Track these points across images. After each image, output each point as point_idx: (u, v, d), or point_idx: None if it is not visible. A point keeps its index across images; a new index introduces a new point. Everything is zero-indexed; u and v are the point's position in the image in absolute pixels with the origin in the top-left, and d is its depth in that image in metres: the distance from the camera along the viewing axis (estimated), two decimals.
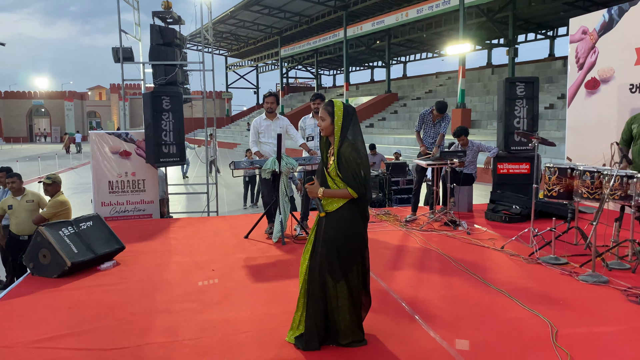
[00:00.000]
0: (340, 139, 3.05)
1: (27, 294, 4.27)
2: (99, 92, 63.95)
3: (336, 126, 3.07)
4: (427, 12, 26.50)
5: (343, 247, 3.09)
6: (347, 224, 3.09)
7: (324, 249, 3.12)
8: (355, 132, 3.10)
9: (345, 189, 3.03)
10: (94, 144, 7.66)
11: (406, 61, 47.16)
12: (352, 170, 2.99)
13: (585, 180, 4.80)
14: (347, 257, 3.10)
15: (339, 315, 3.13)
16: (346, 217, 3.08)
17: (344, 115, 3.07)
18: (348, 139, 3.05)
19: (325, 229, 3.13)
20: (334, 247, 3.09)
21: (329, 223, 3.12)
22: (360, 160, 3.03)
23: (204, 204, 9.09)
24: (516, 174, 7.80)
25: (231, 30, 44.51)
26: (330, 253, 3.09)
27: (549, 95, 23.37)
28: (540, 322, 3.52)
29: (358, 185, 3.01)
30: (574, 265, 4.84)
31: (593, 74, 7.80)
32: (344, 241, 3.09)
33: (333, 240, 3.09)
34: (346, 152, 3.01)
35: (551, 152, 14.57)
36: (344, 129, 3.06)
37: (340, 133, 3.06)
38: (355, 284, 3.14)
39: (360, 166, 3.02)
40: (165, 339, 3.34)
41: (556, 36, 33.65)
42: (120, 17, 9.10)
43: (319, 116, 3.18)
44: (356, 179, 3.00)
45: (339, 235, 3.08)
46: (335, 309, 3.13)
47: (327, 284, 3.12)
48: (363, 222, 3.15)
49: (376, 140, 21.32)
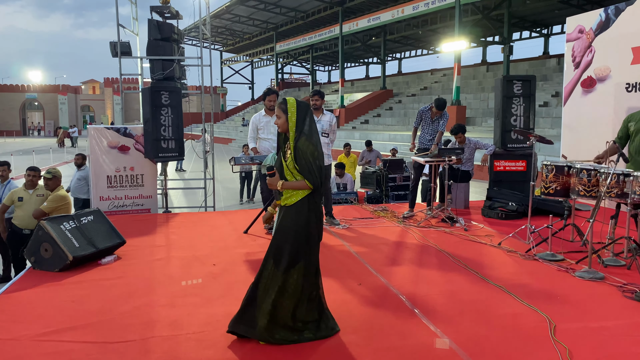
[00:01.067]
0: (297, 134, 3.19)
1: (30, 287, 4.28)
2: (92, 86, 63.57)
3: (290, 122, 3.21)
4: (423, 9, 26.53)
5: (293, 240, 3.19)
6: (301, 219, 3.21)
7: (275, 239, 3.27)
8: (312, 128, 3.24)
9: (303, 180, 3.17)
10: (93, 139, 7.65)
11: (401, 58, 47.19)
12: (308, 164, 3.14)
13: (582, 178, 4.87)
14: (295, 250, 3.19)
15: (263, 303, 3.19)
16: (301, 212, 3.21)
17: (297, 111, 3.21)
18: (304, 134, 3.19)
19: (280, 220, 3.29)
20: (284, 239, 3.22)
21: (285, 215, 3.26)
22: (317, 154, 3.18)
23: (201, 199, 9.11)
24: (513, 171, 7.87)
25: (226, 25, 44.36)
26: (279, 244, 3.23)
27: (543, 93, 23.50)
28: (538, 317, 3.59)
29: (314, 178, 3.15)
30: (571, 261, 4.91)
31: (589, 73, 7.87)
32: (295, 235, 3.20)
33: (284, 232, 3.22)
34: (303, 146, 3.16)
35: (545, 150, 14.66)
36: (299, 124, 3.20)
37: (296, 128, 3.19)
38: (296, 277, 3.20)
39: (317, 160, 3.17)
40: (170, 333, 3.38)
41: (551, 34, 33.79)
42: (118, 11, 9.08)
43: (275, 114, 3.31)
44: (311, 172, 3.14)
45: (291, 228, 3.21)
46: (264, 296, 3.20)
47: (265, 271, 3.23)
48: (316, 217, 3.27)
49: (371, 137, 21.38)
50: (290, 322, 3.21)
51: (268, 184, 3.30)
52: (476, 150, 7.85)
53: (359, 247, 5.61)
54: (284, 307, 3.19)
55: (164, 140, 7.62)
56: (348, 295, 4.06)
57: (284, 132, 3.28)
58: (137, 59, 10.10)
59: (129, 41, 9.35)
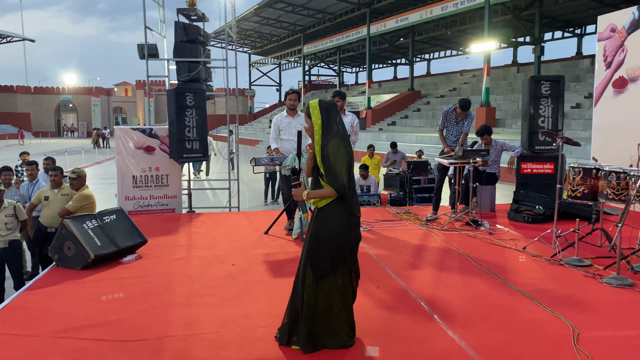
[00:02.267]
0: (324, 136, 3.03)
1: (52, 285, 4.37)
2: (124, 88, 64.91)
3: (316, 125, 3.05)
4: (452, 10, 26.20)
5: (327, 244, 3.05)
6: (333, 222, 3.05)
7: (309, 243, 3.11)
8: (339, 129, 3.05)
9: (328, 188, 3.00)
10: (119, 139, 7.79)
11: (430, 59, 46.74)
12: (333, 167, 2.95)
13: (610, 181, 4.70)
14: (331, 255, 3.05)
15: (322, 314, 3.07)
16: (333, 214, 3.05)
17: (321, 113, 3.06)
18: (333, 136, 3.01)
19: (313, 223, 3.14)
20: (318, 243, 3.07)
21: (317, 218, 3.11)
22: (346, 156, 2.99)
23: (225, 200, 9.17)
24: (540, 173, 7.68)
25: (255, 28, 44.70)
26: (314, 248, 3.08)
27: (575, 95, 22.93)
28: (561, 324, 3.47)
29: (337, 183, 2.95)
30: (598, 267, 4.75)
31: (621, 73, 7.63)
32: (328, 239, 3.05)
33: (317, 236, 3.08)
34: (330, 149, 2.98)
35: (577, 152, 14.30)
36: (325, 127, 3.04)
37: (322, 131, 3.04)
38: (340, 284, 3.08)
39: (344, 163, 2.97)
40: (185, 332, 3.38)
41: (584, 34, 32.96)
42: (145, 14, 9.22)
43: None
44: (335, 176, 2.95)
45: (324, 231, 3.05)
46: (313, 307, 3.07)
47: (306, 280, 3.08)
48: (350, 220, 3.08)
49: (398, 139, 21.22)
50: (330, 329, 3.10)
51: (294, 196, 3.20)
52: (503, 152, 7.69)
53: (379, 249, 5.55)
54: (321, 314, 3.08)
55: (188, 141, 7.70)
56: (365, 298, 4.00)
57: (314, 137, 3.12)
58: (164, 61, 10.26)
59: (155, 43, 9.49)
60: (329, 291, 3.07)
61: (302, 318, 3.09)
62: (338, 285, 3.08)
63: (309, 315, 3.07)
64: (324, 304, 3.07)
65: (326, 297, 3.07)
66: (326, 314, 3.08)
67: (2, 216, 5.26)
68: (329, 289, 3.07)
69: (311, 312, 3.07)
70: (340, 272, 3.08)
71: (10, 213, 5.35)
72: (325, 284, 3.06)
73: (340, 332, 3.12)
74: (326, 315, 3.08)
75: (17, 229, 5.44)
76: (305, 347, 3.08)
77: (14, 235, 5.38)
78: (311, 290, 3.07)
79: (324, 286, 3.06)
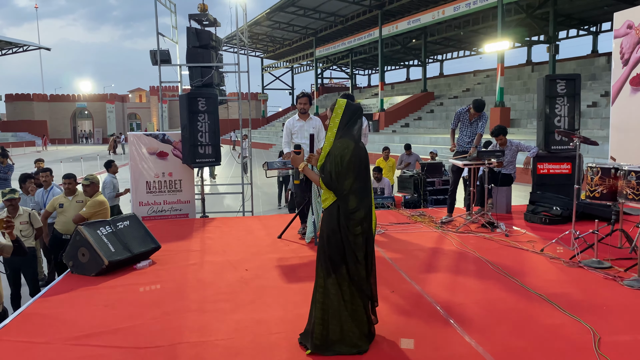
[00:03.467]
0: (336, 135, 3.12)
1: (66, 291, 4.38)
2: (139, 94, 65.53)
3: (332, 122, 3.15)
4: (465, 10, 26.01)
5: (328, 244, 3.13)
6: (330, 222, 3.14)
7: (318, 244, 3.25)
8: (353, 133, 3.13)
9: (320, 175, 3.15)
10: (132, 145, 7.82)
11: (443, 59, 46.46)
12: (330, 162, 3.06)
13: (630, 180, 4.59)
14: (331, 256, 3.12)
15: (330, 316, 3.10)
16: (330, 215, 3.15)
17: (344, 113, 3.14)
18: (349, 137, 3.11)
19: (321, 223, 3.27)
20: (322, 243, 3.18)
21: (322, 219, 3.26)
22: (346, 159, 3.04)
23: (239, 204, 9.17)
24: (557, 174, 7.55)
25: (267, 32, 44.84)
26: (320, 248, 3.20)
27: (591, 93, 22.61)
28: (581, 329, 3.39)
29: (327, 177, 3.08)
30: (619, 269, 4.64)
31: (639, 70, 7.47)
32: (328, 239, 3.14)
33: (322, 237, 3.19)
34: (336, 148, 3.08)
35: (594, 152, 14.08)
36: (342, 127, 3.12)
37: (337, 129, 3.13)
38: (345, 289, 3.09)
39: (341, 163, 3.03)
40: (198, 339, 3.36)
41: (599, 32, 32.50)
42: (157, 20, 9.27)
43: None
44: (325, 170, 3.09)
45: (325, 231, 3.17)
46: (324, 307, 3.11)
47: (317, 280, 3.18)
48: (346, 222, 3.09)
49: (412, 140, 21.11)
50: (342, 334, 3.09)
51: (292, 160, 3.36)
52: (518, 153, 7.58)
53: (393, 253, 5.48)
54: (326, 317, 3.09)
55: (201, 145, 7.70)
56: (380, 302, 3.92)
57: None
58: (177, 66, 10.30)
59: (168, 49, 9.54)
60: (336, 293, 3.10)
61: (315, 319, 3.10)
62: (343, 290, 3.10)
63: (319, 316, 3.09)
64: (334, 306, 3.09)
65: (335, 299, 3.09)
66: (337, 317, 3.09)
67: (17, 223, 5.29)
68: (335, 290, 3.10)
69: (321, 312, 3.09)
70: (345, 274, 3.10)
71: (25, 220, 5.40)
72: (330, 284, 3.10)
73: (351, 337, 3.10)
74: (336, 318, 3.09)
75: (32, 237, 5.48)
76: (315, 349, 3.09)
77: (29, 242, 5.41)
78: (321, 290, 3.12)
79: (331, 287, 3.10)
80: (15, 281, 5.36)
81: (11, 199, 5.32)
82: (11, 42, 44.59)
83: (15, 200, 5.36)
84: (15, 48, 46.12)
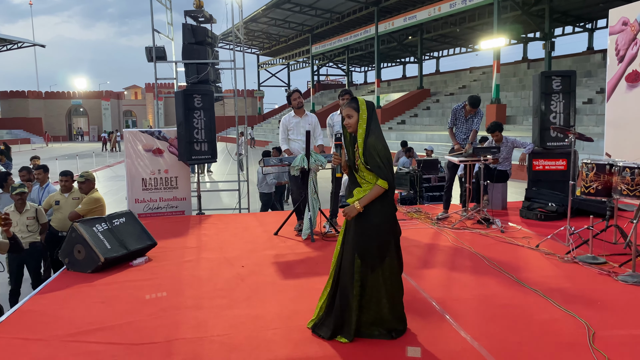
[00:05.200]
0: (367, 133, 3.18)
1: (62, 288, 4.37)
2: (134, 91, 65.32)
3: (361, 119, 3.20)
4: (460, 6, 26.01)
5: (375, 237, 3.18)
6: (379, 215, 3.19)
7: (357, 237, 3.21)
8: (378, 126, 3.26)
9: (376, 185, 3.15)
10: (128, 142, 7.80)
11: (439, 56, 46.47)
12: (379, 160, 3.12)
13: (625, 176, 4.61)
14: (378, 247, 3.18)
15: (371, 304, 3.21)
16: (379, 208, 3.18)
17: (368, 109, 3.22)
18: (374, 133, 3.19)
19: (357, 218, 3.22)
20: (366, 236, 3.18)
21: (364, 214, 3.19)
22: (386, 151, 3.17)
23: (235, 201, 9.16)
24: (552, 170, 7.58)
25: (263, 29, 44.74)
26: (363, 241, 3.19)
27: (587, 90, 22.68)
28: (576, 324, 3.41)
29: (386, 174, 3.13)
30: (613, 264, 4.67)
31: (635, 67, 7.50)
32: (378, 231, 3.18)
33: (365, 230, 3.18)
34: (373, 143, 3.15)
35: (589, 148, 14.12)
36: (369, 123, 3.20)
37: (366, 127, 3.19)
38: (387, 275, 3.22)
39: (387, 157, 3.16)
40: (194, 335, 3.37)
41: (595, 28, 32.58)
42: (153, 17, 9.24)
43: (344, 114, 3.27)
44: (382, 169, 3.13)
45: (372, 225, 3.17)
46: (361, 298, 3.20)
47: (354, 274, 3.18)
48: (393, 213, 3.27)
49: (408, 137, 21.14)
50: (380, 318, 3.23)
51: (346, 215, 3.23)
52: (514, 149, 7.60)
53: None
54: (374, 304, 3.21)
55: (197, 142, 7.69)
56: None
57: (352, 132, 3.28)
58: (172, 63, 10.28)
59: (163, 46, 9.51)
60: (377, 282, 3.20)
61: (352, 310, 3.18)
62: (385, 276, 3.22)
63: (356, 306, 3.17)
64: (374, 295, 3.20)
65: (375, 288, 3.20)
66: (376, 305, 3.21)
67: (23, 218, 5.34)
68: (376, 279, 3.20)
69: (358, 303, 3.18)
70: (388, 264, 3.22)
71: (32, 216, 5.41)
72: (374, 275, 3.19)
73: (390, 320, 3.25)
74: (376, 305, 3.21)
75: (37, 232, 5.48)
76: (350, 337, 3.18)
77: (35, 237, 5.43)
78: (360, 282, 3.18)
79: (373, 277, 3.19)
80: (17, 277, 5.35)
81: (21, 192, 5.37)
82: (5, 39, 44.40)
83: (25, 195, 5.43)
84: (9, 45, 45.93)
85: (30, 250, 5.32)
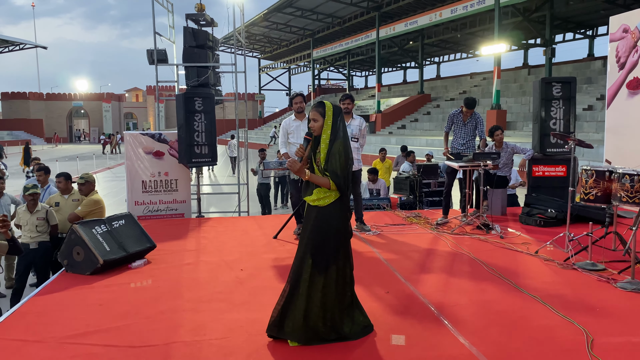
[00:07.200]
0: (331, 138, 3.22)
1: (61, 290, 4.37)
2: (135, 93, 65.43)
3: (326, 125, 3.23)
4: (462, 12, 26.11)
5: (332, 238, 3.23)
6: (336, 218, 3.24)
7: (311, 239, 3.24)
8: (345, 133, 3.27)
9: (327, 179, 3.18)
10: (128, 144, 7.81)
11: (440, 62, 46.57)
12: (337, 165, 3.16)
13: (624, 183, 4.61)
14: (335, 246, 3.23)
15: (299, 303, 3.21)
16: (336, 211, 3.24)
17: (334, 114, 3.25)
18: (339, 138, 3.22)
19: (315, 220, 3.26)
20: (323, 239, 3.22)
21: (321, 216, 3.25)
22: (348, 159, 3.21)
23: (235, 204, 9.16)
24: (552, 176, 7.59)
25: (264, 33, 44.85)
26: (317, 244, 3.23)
27: (587, 97, 22.72)
28: (575, 330, 3.40)
29: (339, 179, 3.16)
30: (612, 271, 4.67)
31: (635, 74, 7.52)
32: (335, 233, 3.23)
33: (323, 232, 3.23)
34: (336, 149, 3.19)
35: (589, 155, 14.14)
36: (334, 128, 3.23)
37: (331, 132, 3.22)
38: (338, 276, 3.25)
39: (346, 164, 3.19)
40: (192, 338, 3.36)
41: (596, 35, 32.67)
42: (154, 20, 9.27)
43: (310, 117, 3.29)
44: (337, 174, 3.16)
45: (328, 227, 3.22)
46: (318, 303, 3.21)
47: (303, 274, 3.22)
48: (347, 217, 3.33)
49: (408, 142, 21.13)
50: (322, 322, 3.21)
51: (291, 166, 3.26)
52: (514, 155, 7.61)
53: (388, 254, 5.49)
54: (320, 307, 3.20)
55: (197, 145, 7.70)
56: (374, 303, 3.96)
57: (318, 136, 3.28)
58: (173, 66, 10.29)
59: (165, 49, 9.53)
60: (337, 279, 3.24)
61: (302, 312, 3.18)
62: (346, 274, 3.29)
63: (308, 308, 3.19)
64: (337, 292, 3.24)
65: (336, 285, 3.23)
66: (340, 302, 3.25)
67: (34, 219, 5.36)
68: (336, 276, 3.24)
69: (308, 304, 3.18)
70: (343, 261, 3.27)
71: (42, 216, 5.42)
72: (331, 272, 3.22)
73: (358, 316, 3.33)
74: (340, 303, 3.25)
75: (46, 232, 5.48)
76: (307, 342, 3.19)
77: (44, 237, 5.44)
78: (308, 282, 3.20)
79: (332, 274, 3.22)
80: (22, 277, 5.35)
81: (34, 193, 5.40)
82: (7, 41, 44.49)
83: (37, 195, 5.46)
84: (11, 46, 46.02)
85: (40, 248, 5.34)
